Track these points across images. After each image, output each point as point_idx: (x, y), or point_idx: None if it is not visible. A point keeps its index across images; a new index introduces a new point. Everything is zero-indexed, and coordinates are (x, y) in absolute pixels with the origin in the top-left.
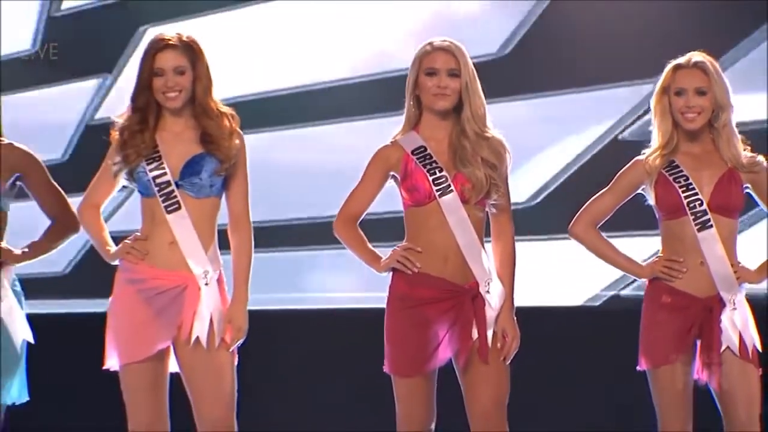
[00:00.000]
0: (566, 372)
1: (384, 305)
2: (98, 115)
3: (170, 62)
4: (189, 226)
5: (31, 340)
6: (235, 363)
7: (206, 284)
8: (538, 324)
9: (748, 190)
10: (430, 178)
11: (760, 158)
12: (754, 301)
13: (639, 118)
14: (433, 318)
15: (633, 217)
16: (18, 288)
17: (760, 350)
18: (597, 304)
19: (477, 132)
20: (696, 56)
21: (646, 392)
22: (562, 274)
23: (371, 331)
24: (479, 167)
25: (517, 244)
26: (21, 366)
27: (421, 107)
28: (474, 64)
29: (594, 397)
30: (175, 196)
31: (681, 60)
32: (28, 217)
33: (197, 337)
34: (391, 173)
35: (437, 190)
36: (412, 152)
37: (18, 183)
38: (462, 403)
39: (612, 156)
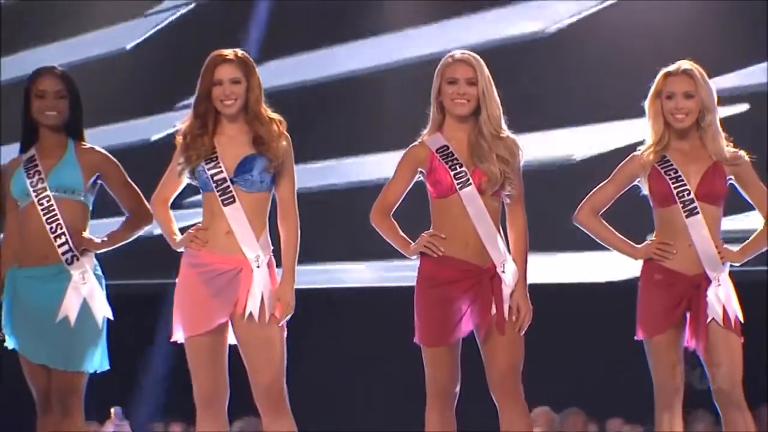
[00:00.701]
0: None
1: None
2: None
3: (228, 74)
4: (242, 217)
5: (111, 317)
6: (284, 335)
7: (258, 267)
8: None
9: (731, 181)
10: (452, 173)
11: (742, 153)
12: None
13: None
14: (456, 295)
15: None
16: (99, 272)
17: (742, 321)
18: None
19: (493, 133)
20: (684, 64)
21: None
22: None
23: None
24: (494, 163)
25: None
26: (102, 339)
27: (444, 112)
28: None
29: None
30: (231, 191)
31: (671, 68)
32: None
33: (250, 313)
34: (419, 169)
35: (458, 184)
36: (436, 151)
37: (99, 182)
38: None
39: None
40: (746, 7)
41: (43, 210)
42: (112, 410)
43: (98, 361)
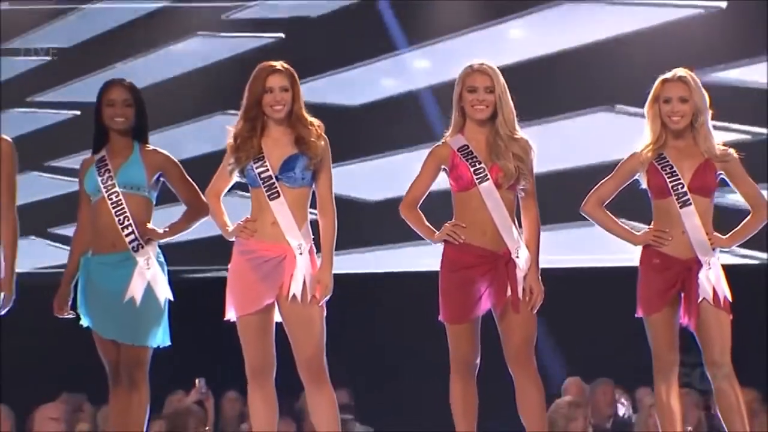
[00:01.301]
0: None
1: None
2: None
3: (278, 83)
4: (286, 209)
5: (172, 298)
6: (324, 314)
7: (300, 254)
8: None
9: (722, 176)
10: (471, 169)
11: (731, 150)
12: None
13: None
14: (475, 278)
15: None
16: (161, 259)
17: (731, 300)
18: None
19: (508, 134)
20: (680, 72)
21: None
22: None
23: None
24: (510, 160)
25: None
26: (164, 318)
27: (464, 116)
28: None
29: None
30: (276, 187)
31: (668, 75)
32: None
33: (294, 295)
34: (443, 166)
35: (477, 179)
36: (458, 150)
37: (161, 179)
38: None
39: None
40: None
41: (112, 204)
42: (197, 380)
43: (161, 337)
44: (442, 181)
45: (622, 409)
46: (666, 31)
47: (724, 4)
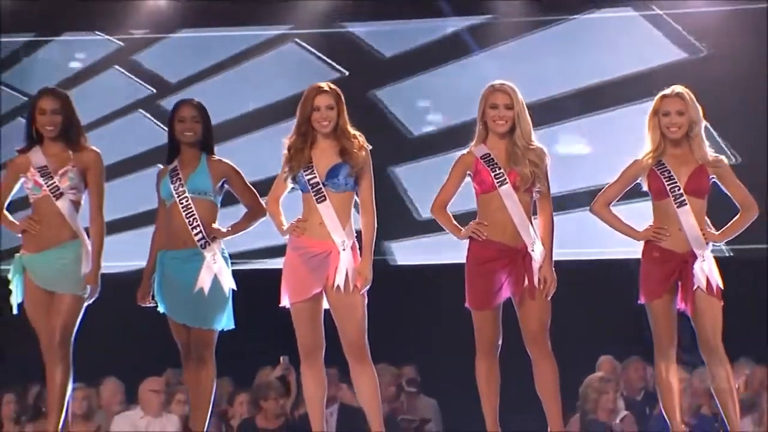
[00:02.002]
0: None
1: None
2: None
3: (324, 102)
4: (332, 211)
5: (235, 288)
6: (365, 302)
7: (344, 250)
8: None
9: (714, 180)
10: (492, 175)
11: (722, 157)
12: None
13: None
14: (497, 270)
15: None
16: (226, 254)
17: (722, 288)
18: None
19: (525, 144)
20: (677, 88)
21: None
22: None
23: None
24: (526, 166)
25: None
26: (228, 305)
27: (487, 129)
28: None
29: None
30: (323, 192)
31: (666, 91)
32: None
33: (338, 285)
34: (468, 172)
35: (497, 182)
36: (481, 158)
37: (225, 185)
38: None
39: None
40: None
41: (183, 208)
42: (282, 358)
43: (225, 321)
44: None
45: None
46: None
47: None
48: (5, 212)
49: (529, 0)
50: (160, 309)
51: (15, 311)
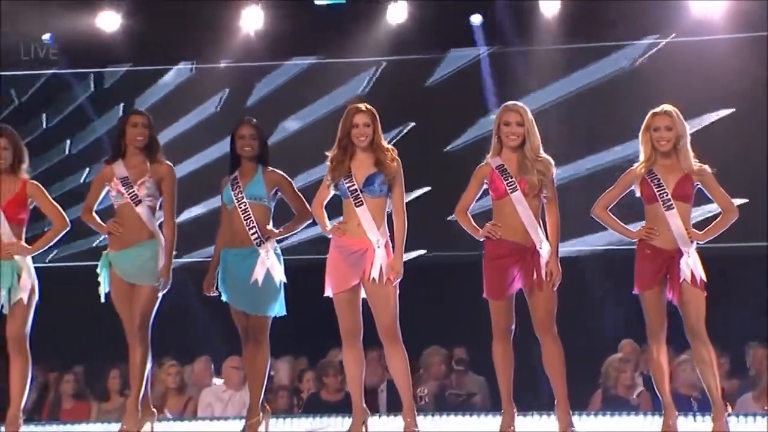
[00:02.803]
0: None
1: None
2: None
3: (362, 120)
4: (368, 214)
5: (285, 280)
6: (397, 292)
7: (378, 247)
8: None
9: (699, 186)
10: (505, 183)
11: (706, 167)
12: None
13: None
14: (509, 265)
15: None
16: (278, 251)
17: (705, 281)
18: None
19: (533, 156)
20: (666, 107)
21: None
22: None
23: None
24: (535, 175)
25: None
26: (280, 295)
27: (501, 143)
28: None
29: None
30: (360, 198)
31: (657, 110)
32: None
33: (373, 278)
34: (485, 180)
35: (509, 189)
36: (495, 168)
37: (278, 193)
38: None
39: None
40: None
41: (242, 211)
42: None
43: (278, 308)
44: None
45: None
46: None
47: None
48: (94, 215)
49: None
50: (223, 298)
51: (103, 300)
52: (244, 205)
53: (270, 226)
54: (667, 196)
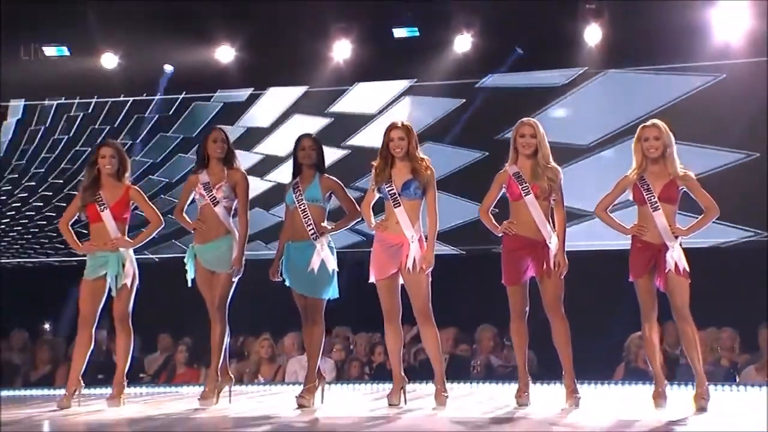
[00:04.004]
0: None
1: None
2: None
3: (397, 135)
4: (404, 214)
5: (336, 269)
6: (429, 280)
7: (413, 242)
8: None
9: (684, 190)
10: (520, 187)
11: (690, 172)
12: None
13: None
14: (523, 256)
15: None
16: (332, 244)
17: (688, 271)
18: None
19: (544, 164)
20: (655, 120)
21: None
22: None
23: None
24: (545, 181)
25: None
26: (333, 280)
27: (517, 152)
28: None
29: None
30: (398, 200)
31: (647, 123)
32: None
33: (409, 267)
34: (503, 185)
35: (523, 193)
36: (512, 174)
37: (332, 195)
38: None
39: None
40: None
41: (301, 211)
42: None
43: (331, 292)
44: None
45: None
46: None
47: None
48: (184, 215)
49: None
50: (287, 283)
51: (189, 284)
52: (303, 206)
53: (324, 223)
54: (654, 199)
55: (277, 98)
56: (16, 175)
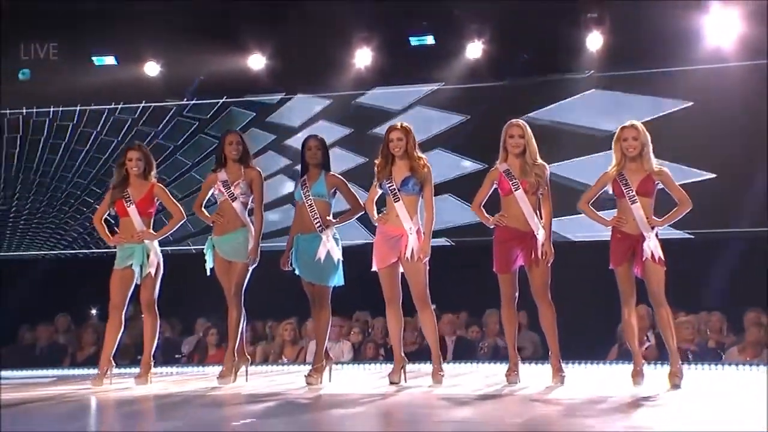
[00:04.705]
0: None
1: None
2: None
3: (396, 136)
4: (404, 208)
5: (341, 258)
6: (427, 268)
7: (411, 233)
8: None
9: (660, 185)
10: (510, 183)
11: (665, 168)
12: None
13: None
14: (513, 246)
15: None
16: (337, 236)
17: (664, 259)
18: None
19: (532, 162)
20: (633, 121)
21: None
22: None
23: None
24: (533, 177)
25: None
26: (338, 269)
27: (507, 151)
28: None
29: None
30: (398, 195)
31: (626, 124)
32: None
33: (407, 257)
34: (494, 181)
35: (513, 188)
36: (503, 172)
37: (336, 191)
38: None
39: None
40: None
41: (308, 206)
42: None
43: (336, 279)
44: None
45: None
46: None
47: None
48: (203, 210)
49: None
50: (296, 272)
51: (208, 273)
52: (310, 201)
53: (329, 217)
54: (632, 192)
55: (305, 102)
56: (68, 174)
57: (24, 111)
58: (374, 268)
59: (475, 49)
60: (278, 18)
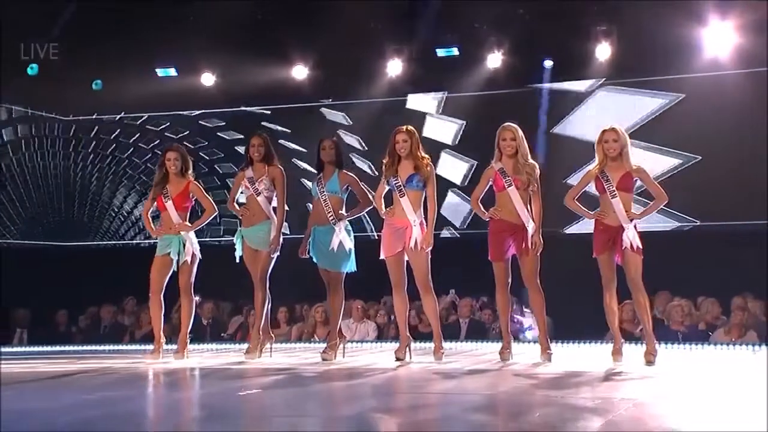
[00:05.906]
0: None
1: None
2: None
3: (401, 137)
4: (408, 202)
5: (352, 248)
6: (429, 257)
7: (415, 225)
8: None
9: (638, 181)
10: (503, 180)
11: (642, 166)
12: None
13: None
14: (506, 237)
15: None
16: (349, 227)
17: (641, 248)
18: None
19: (523, 161)
20: (613, 125)
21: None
22: None
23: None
24: (524, 175)
25: None
26: (351, 257)
27: (501, 152)
28: None
29: None
30: (403, 191)
31: (606, 127)
32: None
33: (411, 246)
34: (490, 178)
35: (506, 185)
36: (497, 170)
37: (349, 188)
38: None
39: None
40: None
41: (323, 201)
42: (451, 291)
43: (349, 266)
44: None
45: None
46: None
47: None
48: (234, 205)
49: None
50: (313, 259)
51: (237, 261)
52: (325, 197)
53: (341, 211)
54: (612, 188)
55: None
56: (134, 174)
57: (94, 116)
58: (382, 257)
59: (494, 60)
60: (319, 30)
